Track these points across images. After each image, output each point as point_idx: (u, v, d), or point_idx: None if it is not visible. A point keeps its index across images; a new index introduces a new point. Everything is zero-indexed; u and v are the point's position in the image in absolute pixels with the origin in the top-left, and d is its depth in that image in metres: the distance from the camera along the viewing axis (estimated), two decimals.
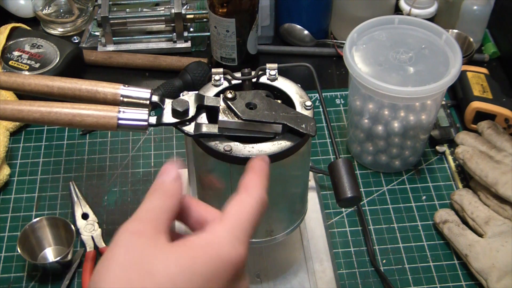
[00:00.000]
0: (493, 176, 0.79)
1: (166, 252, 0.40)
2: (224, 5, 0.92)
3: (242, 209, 0.44)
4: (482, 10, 1.01)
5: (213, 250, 0.41)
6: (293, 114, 0.58)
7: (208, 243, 0.42)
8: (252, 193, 0.45)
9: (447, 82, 0.77)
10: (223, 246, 0.41)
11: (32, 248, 0.79)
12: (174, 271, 0.39)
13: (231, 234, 0.42)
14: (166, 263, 0.40)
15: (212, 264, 0.40)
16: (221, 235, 0.42)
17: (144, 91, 0.59)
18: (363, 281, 0.78)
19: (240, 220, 0.43)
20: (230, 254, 0.41)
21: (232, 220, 0.43)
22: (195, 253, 0.41)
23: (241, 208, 0.44)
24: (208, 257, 0.41)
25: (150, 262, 0.40)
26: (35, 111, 0.55)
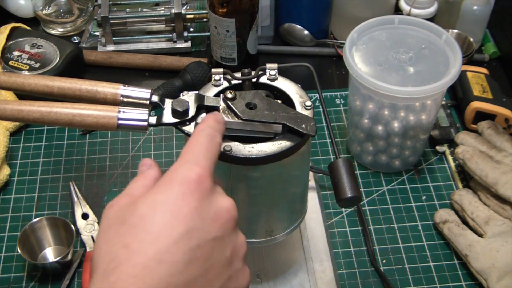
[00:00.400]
0: (493, 176, 0.79)
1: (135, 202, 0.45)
2: (224, 5, 0.92)
3: (189, 144, 0.49)
4: (482, 10, 1.01)
5: (168, 178, 0.45)
6: (293, 114, 0.58)
7: (165, 176, 0.46)
8: (196, 132, 0.50)
9: (447, 82, 0.77)
10: (176, 171, 0.46)
11: (32, 248, 0.79)
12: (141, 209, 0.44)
13: (182, 162, 0.46)
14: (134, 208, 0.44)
15: (171, 188, 0.44)
16: (175, 166, 0.46)
17: (144, 91, 0.59)
18: (363, 281, 0.78)
19: (188, 151, 0.48)
20: (184, 174, 0.45)
21: (182, 154, 0.48)
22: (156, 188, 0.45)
23: (188, 144, 0.49)
24: (166, 184, 0.45)
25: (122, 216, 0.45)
26: (35, 111, 0.55)
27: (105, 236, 0.44)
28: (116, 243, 0.42)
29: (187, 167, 0.46)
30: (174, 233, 0.42)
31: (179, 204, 0.43)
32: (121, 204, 0.46)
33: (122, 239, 0.42)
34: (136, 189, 0.47)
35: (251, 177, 0.59)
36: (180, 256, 0.41)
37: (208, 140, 0.49)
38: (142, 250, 0.41)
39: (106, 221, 0.45)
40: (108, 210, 0.46)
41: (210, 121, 0.52)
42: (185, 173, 0.45)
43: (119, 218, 0.44)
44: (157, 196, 0.44)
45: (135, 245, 0.41)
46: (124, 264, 0.41)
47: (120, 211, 0.45)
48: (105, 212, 0.46)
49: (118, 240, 0.42)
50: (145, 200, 0.44)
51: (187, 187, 0.44)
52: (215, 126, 0.51)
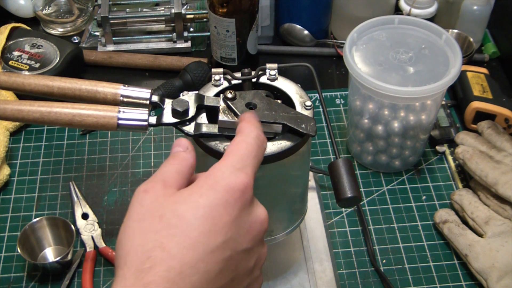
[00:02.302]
0: (493, 176, 0.79)
1: (174, 197, 0.43)
2: (224, 5, 0.92)
3: (239, 147, 0.47)
4: (482, 10, 1.01)
5: (213, 181, 0.44)
6: (293, 114, 0.58)
7: (208, 176, 0.44)
8: (247, 133, 0.48)
9: (447, 82, 0.77)
10: (223, 175, 0.44)
11: (32, 248, 0.79)
12: (181, 209, 0.42)
13: (229, 166, 0.45)
14: (173, 206, 0.43)
15: (214, 193, 0.43)
16: (220, 168, 0.45)
17: (144, 91, 0.59)
18: (363, 281, 0.78)
19: (237, 154, 0.46)
20: (230, 180, 0.44)
21: (230, 156, 0.46)
22: (199, 189, 0.44)
23: (237, 146, 0.47)
24: (210, 187, 0.43)
25: (159, 209, 0.43)
26: (35, 111, 0.56)
27: (140, 226, 0.43)
28: (152, 240, 0.41)
29: (233, 173, 0.44)
30: (212, 242, 0.41)
31: (221, 212, 0.42)
32: (156, 191, 0.44)
33: (159, 237, 0.41)
34: (170, 175, 0.46)
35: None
36: (213, 266, 0.41)
37: (257, 145, 0.48)
38: (179, 254, 0.40)
39: (140, 207, 0.44)
40: (143, 195, 0.44)
41: (256, 122, 0.50)
42: (231, 179, 0.44)
43: (156, 210, 0.43)
44: (200, 199, 0.43)
45: (173, 248, 0.41)
46: (160, 266, 0.40)
47: (156, 201, 0.43)
48: (139, 196, 0.44)
49: (154, 236, 0.41)
50: (186, 200, 0.43)
51: (232, 195, 0.43)
52: (260, 128, 0.50)
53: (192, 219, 0.42)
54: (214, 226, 0.42)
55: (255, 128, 0.49)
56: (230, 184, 0.44)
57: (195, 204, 0.42)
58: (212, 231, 0.42)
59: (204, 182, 0.44)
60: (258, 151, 0.48)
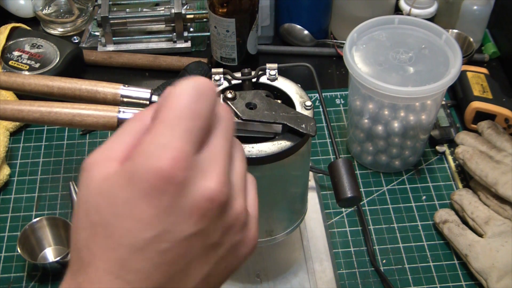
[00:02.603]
0: (493, 176, 0.79)
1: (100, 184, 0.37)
2: (224, 5, 0.92)
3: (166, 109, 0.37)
4: (482, 10, 1.01)
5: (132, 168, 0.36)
6: (293, 114, 0.58)
7: (130, 160, 0.37)
8: (179, 86, 0.38)
9: (447, 82, 0.77)
10: (141, 159, 0.36)
11: (32, 248, 0.79)
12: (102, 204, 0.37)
13: (152, 142, 0.36)
14: (96, 198, 0.37)
15: (132, 186, 0.36)
16: (142, 148, 0.36)
17: (144, 91, 0.59)
18: (363, 281, 0.78)
19: (163, 122, 0.36)
20: (151, 166, 0.35)
21: (156, 125, 0.36)
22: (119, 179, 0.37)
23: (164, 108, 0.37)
24: (129, 179, 0.36)
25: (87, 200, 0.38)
26: (35, 111, 0.55)
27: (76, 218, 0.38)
28: (81, 238, 0.38)
29: (154, 154, 0.35)
30: (138, 239, 0.36)
31: (142, 207, 0.36)
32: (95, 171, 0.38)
33: (85, 235, 0.38)
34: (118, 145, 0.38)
35: None
36: (146, 262, 0.37)
37: (193, 101, 0.37)
38: (104, 255, 0.37)
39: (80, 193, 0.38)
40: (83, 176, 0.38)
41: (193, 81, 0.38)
42: (150, 164, 0.35)
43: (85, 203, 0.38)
44: (119, 194, 0.36)
45: (97, 249, 0.37)
46: (89, 267, 0.38)
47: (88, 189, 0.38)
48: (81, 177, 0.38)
49: (82, 234, 0.38)
50: (107, 193, 0.37)
51: (153, 184, 0.35)
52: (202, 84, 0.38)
53: (112, 218, 0.36)
54: (137, 223, 0.36)
55: (192, 78, 0.38)
56: (150, 170, 0.35)
57: (114, 200, 0.36)
58: (135, 228, 0.36)
59: (125, 168, 0.36)
60: (197, 105, 0.37)
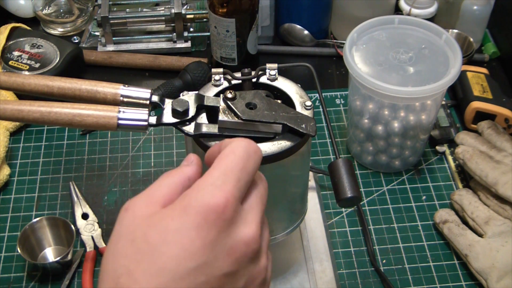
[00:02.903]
0: (493, 176, 0.79)
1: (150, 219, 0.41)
2: (224, 5, 0.92)
3: (223, 160, 0.43)
4: (482, 10, 1.01)
5: (187, 202, 0.41)
6: (293, 114, 0.58)
7: (184, 196, 0.42)
8: (235, 144, 0.44)
9: (447, 82, 0.77)
10: (197, 195, 0.41)
11: (32, 248, 0.79)
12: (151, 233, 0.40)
13: (208, 183, 0.42)
14: (145, 229, 0.41)
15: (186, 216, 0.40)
16: (198, 186, 0.42)
17: (144, 91, 0.59)
18: (363, 281, 0.78)
19: (220, 169, 0.42)
20: (205, 201, 0.40)
21: (211, 171, 0.42)
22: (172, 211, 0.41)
23: (221, 159, 0.43)
24: (182, 210, 0.40)
25: (133, 232, 0.41)
26: (35, 111, 0.55)
27: (114, 248, 0.41)
28: (122, 265, 0.40)
29: (208, 192, 0.41)
30: (181, 268, 0.39)
31: (192, 236, 0.39)
32: (136, 210, 0.42)
33: (128, 262, 0.40)
34: (159, 192, 0.43)
35: None
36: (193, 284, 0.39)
37: (246, 156, 0.44)
38: (144, 281, 0.39)
39: (119, 228, 0.42)
40: (123, 214, 0.43)
41: (247, 141, 0.45)
42: (205, 199, 0.40)
43: (130, 233, 0.41)
44: (170, 223, 0.40)
45: (139, 274, 0.39)
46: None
47: (133, 223, 0.41)
48: (120, 214, 0.43)
49: (123, 261, 0.40)
50: (157, 224, 0.40)
51: (205, 217, 0.40)
52: (252, 146, 0.45)
53: (159, 245, 0.40)
54: (185, 251, 0.39)
55: (244, 139, 0.46)
56: (203, 205, 0.40)
57: (164, 228, 0.40)
58: (182, 256, 0.39)
59: (178, 203, 0.41)
60: (247, 162, 0.44)
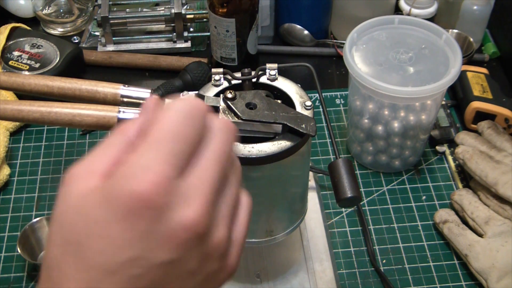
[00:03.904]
0: (493, 176, 0.79)
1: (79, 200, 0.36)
2: (224, 5, 0.92)
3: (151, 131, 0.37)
4: (482, 10, 1.01)
5: (110, 188, 0.35)
6: (293, 114, 0.58)
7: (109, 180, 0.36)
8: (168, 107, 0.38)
9: (447, 82, 0.77)
10: (120, 180, 0.35)
11: (32, 248, 0.79)
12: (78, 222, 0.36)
13: (133, 163, 0.35)
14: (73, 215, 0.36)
15: (109, 207, 0.35)
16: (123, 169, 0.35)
17: (144, 91, 0.59)
18: (363, 281, 0.78)
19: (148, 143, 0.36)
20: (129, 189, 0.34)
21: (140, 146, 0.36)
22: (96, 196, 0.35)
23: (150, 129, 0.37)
24: (106, 199, 0.35)
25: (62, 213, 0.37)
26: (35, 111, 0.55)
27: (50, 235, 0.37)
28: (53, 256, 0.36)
29: (133, 176, 0.34)
30: (111, 262, 0.35)
31: (118, 229, 0.34)
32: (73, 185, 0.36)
33: (57, 253, 0.36)
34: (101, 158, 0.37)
35: (251, 177, 0.59)
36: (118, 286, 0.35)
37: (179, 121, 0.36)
38: (74, 277, 0.35)
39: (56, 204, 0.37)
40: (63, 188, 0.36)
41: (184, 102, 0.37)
42: (129, 187, 0.34)
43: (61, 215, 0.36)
44: (94, 213, 0.35)
45: (68, 269, 0.36)
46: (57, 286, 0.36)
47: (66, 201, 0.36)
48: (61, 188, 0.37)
49: (54, 251, 0.36)
50: (83, 210, 0.35)
51: (130, 208, 0.34)
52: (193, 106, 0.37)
53: (85, 238, 0.35)
54: (111, 245, 0.35)
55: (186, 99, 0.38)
56: (128, 194, 0.34)
57: (91, 218, 0.35)
58: (109, 251, 0.35)
59: (104, 187, 0.35)
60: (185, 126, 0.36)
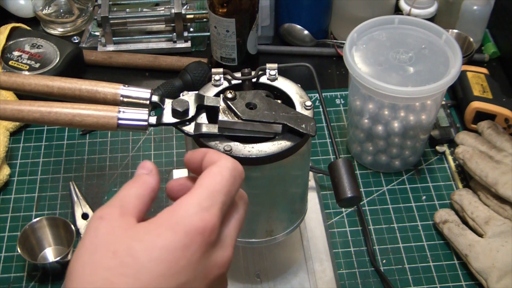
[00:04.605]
0: (493, 176, 0.79)
1: (131, 232, 0.41)
2: (224, 5, 0.92)
3: (210, 180, 0.43)
4: (482, 10, 1.01)
5: (174, 220, 0.41)
6: (293, 114, 0.58)
7: (171, 214, 0.41)
8: (222, 164, 0.45)
9: (447, 82, 0.77)
10: (185, 215, 0.41)
11: (32, 248, 0.79)
12: (136, 248, 0.40)
13: (195, 204, 0.42)
14: (129, 242, 0.40)
15: (173, 234, 0.40)
16: (185, 206, 0.42)
17: (144, 91, 0.59)
18: (363, 281, 0.78)
19: (207, 189, 0.43)
20: (193, 222, 0.41)
21: (198, 190, 0.43)
22: (158, 227, 0.41)
23: (208, 179, 0.43)
24: (170, 228, 0.40)
25: (114, 243, 0.40)
26: (35, 111, 0.55)
27: (91, 258, 0.40)
28: (102, 277, 0.39)
29: (198, 213, 0.41)
30: (164, 286, 0.39)
31: (178, 256, 0.40)
32: (113, 220, 0.42)
33: (110, 276, 0.39)
34: (129, 200, 0.43)
35: (251, 177, 0.59)
36: None
37: (232, 179, 0.44)
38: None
39: (94, 237, 0.41)
40: (98, 222, 0.42)
41: (233, 163, 0.45)
42: (194, 221, 0.41)
43: (110, 244, 0.40)
44: (157, 241, 0.40)
45: None
46: None
47: (112, 233, 0.41)
48: (94, 223, 0.42)
49: (105, 274, 0.39)
50: (143, 238, 0.40)
51: (192, 239, 0.40)
52: (238, 169, 0.45)
53: (146, 261, 0.39)
54: (169, 270, 0.39)
55: (230, 159, 0.45)
56: (192, 226, 0.40)
57: (151, 244, 0.40)
58: (166, 275, 0.39)
59: (165, 220, 0.41)
60: (232, 186, 0.44)
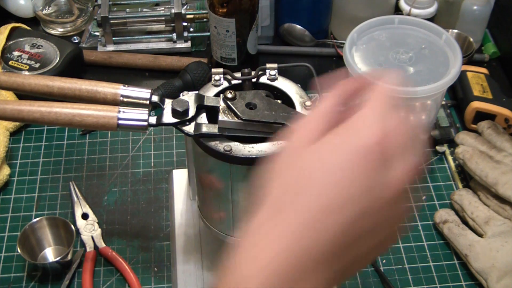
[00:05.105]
0: (493, 176, 0.79)
1: (310, 151, 0.42)
2: (224, 5, 0.92)
3: (378, 94, 0.44)
4: (482, 10, 1.01)
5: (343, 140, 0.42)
6: (293, 114, 0.58)
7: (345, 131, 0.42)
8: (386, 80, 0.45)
9: (447, 82, 0.77)
10: (356, 133, 0.42)
11: (32, 248, 0.79)
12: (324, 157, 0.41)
13: (363, 121, 0.42)
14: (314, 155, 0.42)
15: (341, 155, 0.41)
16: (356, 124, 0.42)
17: (144, 91, 0.59)
18: (363, 281, 0.78)
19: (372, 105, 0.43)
20: (362, 140, 0.41)
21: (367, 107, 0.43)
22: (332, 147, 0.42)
23: (376, 93, 0.44)
24: (341, 147, 0.41)
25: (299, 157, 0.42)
26: (35, 111, 0.56)
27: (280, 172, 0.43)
28: (275, 196, 0.42)
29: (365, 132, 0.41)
30: (345, 194, 0.40)
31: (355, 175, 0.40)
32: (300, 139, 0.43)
33: (280, 194, 0.41)
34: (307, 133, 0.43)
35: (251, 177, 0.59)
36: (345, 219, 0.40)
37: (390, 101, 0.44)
38: (294, 213, 0.40)
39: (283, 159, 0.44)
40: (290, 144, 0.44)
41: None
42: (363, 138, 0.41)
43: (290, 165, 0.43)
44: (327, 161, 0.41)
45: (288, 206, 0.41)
46: (288, 212, 0.40)
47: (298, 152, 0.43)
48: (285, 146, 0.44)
49: (275, 192, 0.42)
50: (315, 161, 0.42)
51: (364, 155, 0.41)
52: None
53: (317, 183, 0.41)
54: (340, 187, 0.40)
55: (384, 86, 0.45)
56: (363, 144, 0.41)
57: (324, 166, 0.41)
58: (346, 184, 0.40)
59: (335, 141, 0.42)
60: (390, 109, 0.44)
